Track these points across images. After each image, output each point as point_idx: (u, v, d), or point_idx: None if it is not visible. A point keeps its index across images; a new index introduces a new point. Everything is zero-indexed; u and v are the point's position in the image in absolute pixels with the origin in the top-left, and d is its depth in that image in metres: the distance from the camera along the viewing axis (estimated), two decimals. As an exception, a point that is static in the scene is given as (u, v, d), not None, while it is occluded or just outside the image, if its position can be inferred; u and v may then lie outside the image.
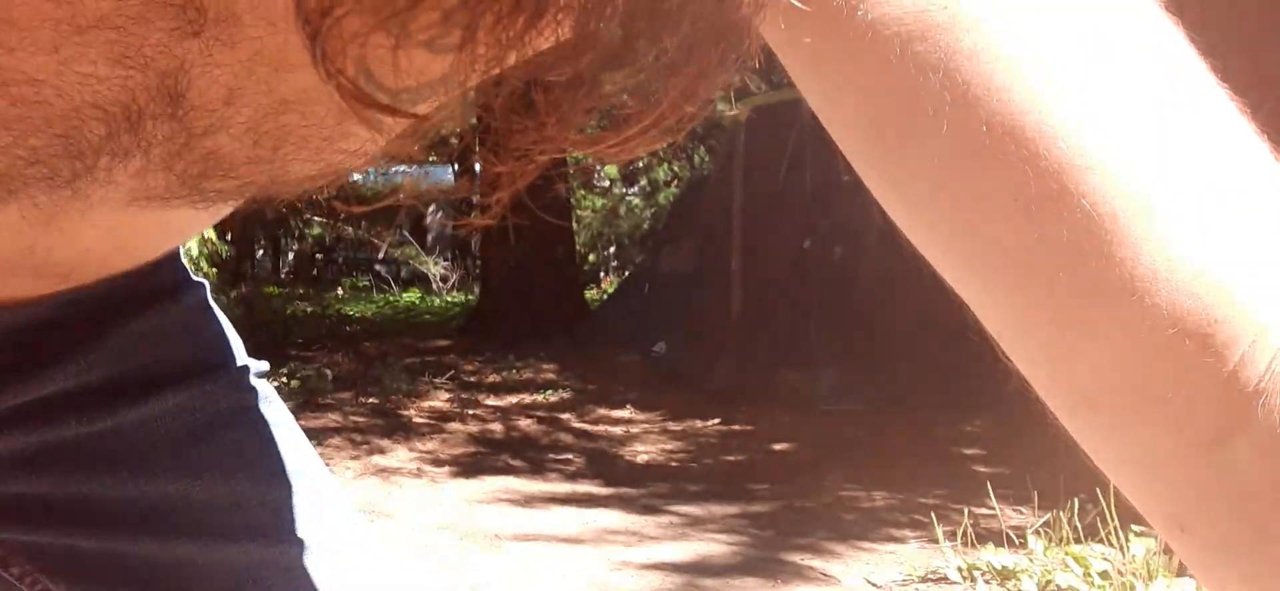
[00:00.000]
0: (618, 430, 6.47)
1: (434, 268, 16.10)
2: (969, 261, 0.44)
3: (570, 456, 5.88)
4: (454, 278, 16.26)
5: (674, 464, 5.75)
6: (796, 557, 3.82)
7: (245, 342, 0.77)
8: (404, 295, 15.48)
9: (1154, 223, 0.40)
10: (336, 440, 5.63)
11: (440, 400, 6.92)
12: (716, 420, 6.68)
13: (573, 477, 5.30)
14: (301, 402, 6.34)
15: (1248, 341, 0.40)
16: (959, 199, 0.42)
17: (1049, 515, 3.48)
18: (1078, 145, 0.40)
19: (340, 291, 15.88)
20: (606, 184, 17.57)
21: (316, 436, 5.63)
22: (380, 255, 16.55)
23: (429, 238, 23.14)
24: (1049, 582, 3.27)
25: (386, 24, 0.31)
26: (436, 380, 7.46)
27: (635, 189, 16.82)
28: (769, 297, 7.50)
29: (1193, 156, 0.41)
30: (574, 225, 13.33)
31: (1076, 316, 0.42)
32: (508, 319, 9.26)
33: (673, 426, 6.26)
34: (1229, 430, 0.41)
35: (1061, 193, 0.40)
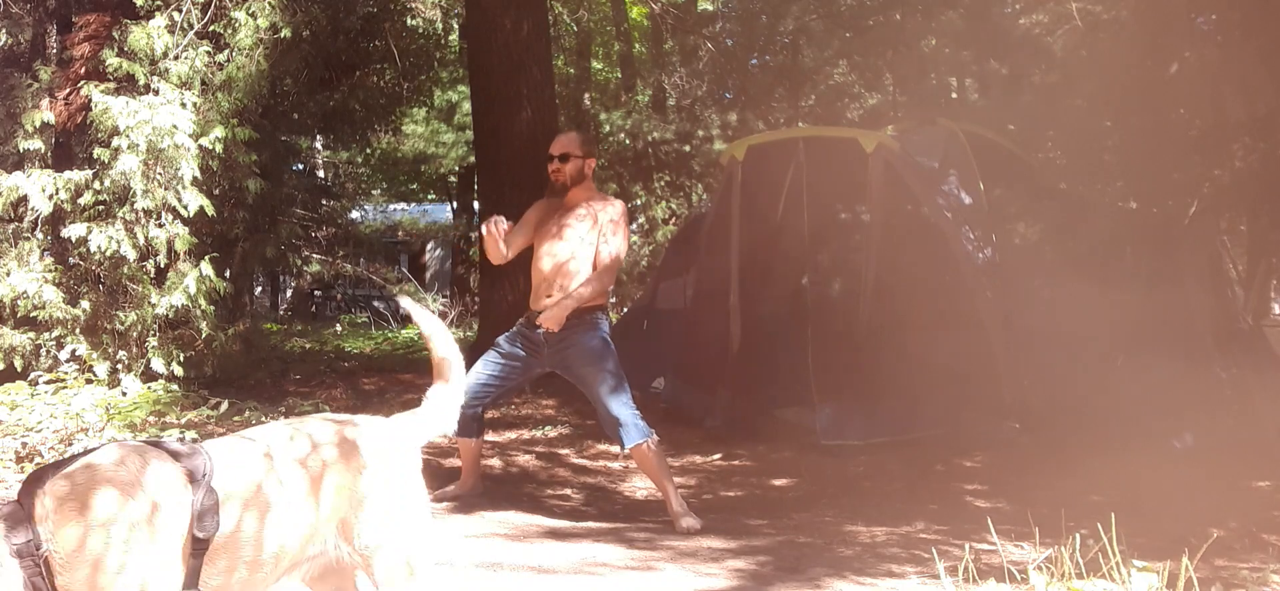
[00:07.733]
0: (616, 465, 6.45)
1: (433, 304, 16.09)
2: None
3: (569, 492, 5.86)
4: (453, 314, 16.25)
5: (673, 500, 5.72)
6: (796, 594, 3.80)
7: (243, 379, 0.78)
8: (402, 332, 15.46)
9: None
10: (334, 477, 5.60)
11: (438, 436, 6.90)
12: (715, 455, 6.67)
13: (571, 513, 5.28)
14: (299, 439, 6.30)
15: None
16: None
17: (1050, 550, 3.46)
18: None
19: (339, 328, 15.86)
20: (605, 220, 17.57)
21: (314, 473, 5.61)
22: (378, 292, 16.54)
23: (428, 274, 23.11)
24: (1050, 619, 3.25)
25: None
26: (435, 416, 7.43)
27: (634, 226, 16.85)
28: (767, 333, 7.50)
29: None
30: (572, 261, 13.29)
31: None
32: (506, 355, 9.21)
33: (671, 461, 6.24)
34: None
35: None
